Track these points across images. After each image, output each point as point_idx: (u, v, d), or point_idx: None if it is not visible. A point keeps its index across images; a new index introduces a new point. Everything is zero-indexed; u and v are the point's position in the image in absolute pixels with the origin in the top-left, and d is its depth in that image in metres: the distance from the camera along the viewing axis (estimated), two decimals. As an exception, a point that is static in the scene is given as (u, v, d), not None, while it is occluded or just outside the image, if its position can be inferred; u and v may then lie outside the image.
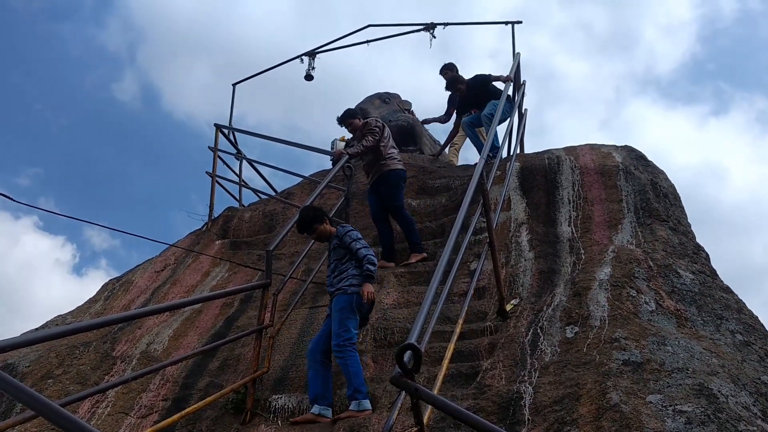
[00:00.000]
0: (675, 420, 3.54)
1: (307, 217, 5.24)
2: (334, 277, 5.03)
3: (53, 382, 5.56)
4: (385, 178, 6.60)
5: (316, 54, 11.15)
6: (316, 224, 5.20)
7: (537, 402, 3.96)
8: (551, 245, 5.93)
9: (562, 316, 4.85)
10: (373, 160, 6.69)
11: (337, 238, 5.14)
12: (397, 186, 6.65)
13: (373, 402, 4.55)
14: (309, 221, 5.21)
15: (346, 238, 5.09)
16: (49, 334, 3.46)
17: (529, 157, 7.54)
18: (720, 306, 5.04)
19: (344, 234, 5.13)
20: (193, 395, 5.21)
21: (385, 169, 6.61)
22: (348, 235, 5.11)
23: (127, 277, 7.74)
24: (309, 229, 5.23)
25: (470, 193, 4.58)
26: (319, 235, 5.28)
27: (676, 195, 6.58)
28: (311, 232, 5.27)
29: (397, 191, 6.65)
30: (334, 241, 5.17)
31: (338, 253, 5.10)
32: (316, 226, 5.21)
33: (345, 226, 5.33)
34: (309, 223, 5.21)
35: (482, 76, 8.43)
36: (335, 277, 5.03)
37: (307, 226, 5.22)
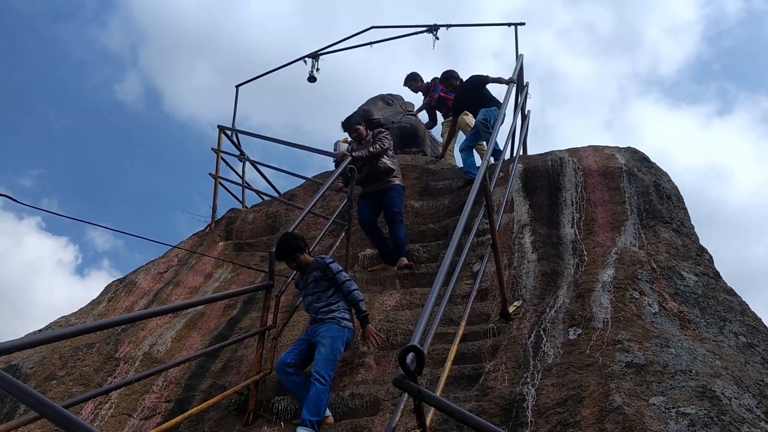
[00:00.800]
0: (678, 422, 3.53)
1: (290, 246, 5.07)
2: (321, 307, 4.93)
3: (56, 384, 5.57)
4: (390, 190, 6.68)
5: (320, 56, 11.16)
6: (298, 253, 5.07)
7: (540, 404, 3.96)
8: (554, 247, 5.93)
9: (565, 318, 4.85)
10: (377, 173, 6.70)
11: (319, 270, 5.03)
12: (401, 197, 6.81)
13: (376, 404, 4.55)
14: (291, 250, 5.06)
15: (329, 271, 5.00)
16: (53, 335, 3.47)
17: (532, 158, 7.54)
18: (723, 308, 5.03)
19: (326, 266, 5.03)
20: (196, 397, 5.21)
21: (393, 183, 6.71)
22: (330, 268, 5.01)
23: (130, 279, 7.75)
24: (290, 257, 5.08)
25: (473, 194, 4.58)
26: (299, 264, 5.13)
27: (680, 197, 6.57)
28: (291, 261, 5.11)
29: (401, 200, 6.77)
30: (315, 273, 5.05)
31: (320, 285, 5.01)
32: (297, 255, 5.07)
33: (323, 257, 5.19)
34: (291, 252, 5.06)
35: (478, 78, 8.28)
36: (322, 307, 4.93)
37: (288, 254, 5.07)
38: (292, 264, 5.15)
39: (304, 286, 5.12)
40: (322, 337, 4.75)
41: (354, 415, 4.53)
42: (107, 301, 7.38)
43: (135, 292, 7.37)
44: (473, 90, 8.23)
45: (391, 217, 6.62)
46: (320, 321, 4.88)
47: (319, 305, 4.94)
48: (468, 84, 8.35)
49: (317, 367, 4.59)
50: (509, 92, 7.32)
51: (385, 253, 6.66)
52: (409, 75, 10.18)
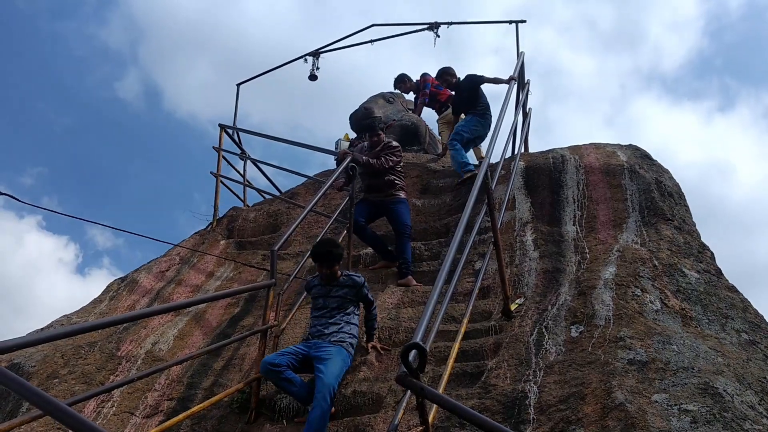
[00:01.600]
0: (680, 419, 3.54)
1: (336, 253, 4.93)
2: (335, 324, 4.79)
3: (59, 382, 5.57)
4: (397, 203, 6.54)
5: (320, 54, 11.15)
6: (337, 263, 4.95)
7: (542, 401, 3.96)
8: (556, 244, 5.93)
9: (567, 315, 4.85)
10: (380, 185, 6.57)
11: (351, 289, 4.92)
12: (408, 210, 6.71)
13: (378, 401, 4.55)
14: (336, 258, 4.92)
15: (362, 291, 4.95)
16: (55, 333, 3.47)
17: (534, 156, 7.53)
18: (725, 305, 5.03)
19: (361, 286, 4.95)
20: (198, 395, 5.22)
21: (398, 195, 6.57)
22: (365, 288, 4.97)
23: (131, 277, 7.76)
24: (331, 263, 4.89)
25: (475, 192, 4.58)
26: (332, 273, 4.93)
27: (681, 194, 6.57)
28: (328, 267, 4.90)
29: (408, 214, 6.68)
30: (346, 290, 4.92)
31: (346, 304, 4.88)
32: (336, 264, 4.94)
33: (358, 276, 5.05)
34: (336, 259, 4.91)
35: (472, 77, 8.14)
36: (337, 324, 4.79)
37: (332, 260, 4.89)
38: (325, 270, 4.92)
39: (325, 294, 4.94)
40: (330, 356, 4.55)
41: (356, 413, 4.53)
42: (109, 300, 7.38)
43: (137, 291, 7.37)
44: (470, 89, 8.13)
45: (402, 229, 6.44)
46: (327, 338, 4.69)
47: (334, 321, 4.80)
48: (464, 83, 8.24)
49: (325, 386, 4.35)
50: (510, 90, 7.31)
51: (383, 251, 6.63)
52: (398, 77, 10.12)
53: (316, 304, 4.97)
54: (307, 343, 4.73)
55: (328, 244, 5.05)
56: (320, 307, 4.92)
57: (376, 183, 6.60)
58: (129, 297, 7.29)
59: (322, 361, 4.51)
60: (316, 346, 4.64)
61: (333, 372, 4.44)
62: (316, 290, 5.02)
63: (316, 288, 5.05)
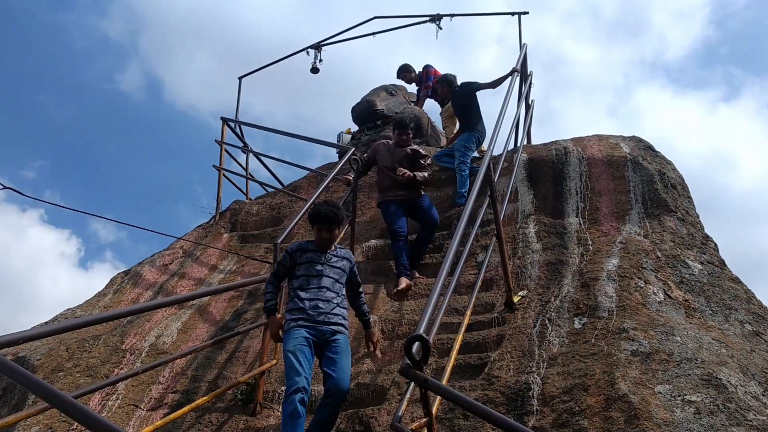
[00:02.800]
0: (684, 410, 3.54)
1: (341, 216, 4.53)
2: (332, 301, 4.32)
3: (64, 375, 5.60)
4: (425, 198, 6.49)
5: (322, 46, 11.12)
6: (338, 228, 4.54)
7: (545, 393, 3.97)
8: (559, 236, 5.93)
9: (570, 307, 4.86)
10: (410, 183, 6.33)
11: (347, 260, 4.53)
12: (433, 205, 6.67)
13: (382, 393, 4.57)
14: (340, 220, 4.50)
15: (355, 269, 4.59)
16: (60, 327, 3.49)
17: (537, 148, 7.52)
18: (729, 296, 5.03)
19: (354, 262, 4.59)
20: (203, 387, 5.24)
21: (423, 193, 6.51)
22: (356, 266, 4.63)
23: (135, 271, 7.78)
24: (333, 226, 4.45)
25: (477, 184, 4.58)
26: (331, 238, 4.51)
27: (684, 185, 6.56)
28: (329, 231, 4.45)
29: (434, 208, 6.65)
30: (345, 263, 4.51)
31: (340, 273, 4.44)
32: (338, 229, 4.54)
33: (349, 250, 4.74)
34: (338, 222, 4.49)
35: (468, 85, 7.94)
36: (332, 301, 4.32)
37: (335, 222, 4.46)
38: (325, 234, 4.45)
39: (324, 262, 4.41)
40: (341, 350, 4.19)
41: (360, 405, 4.55)
42: (113, 293, 7.41)
43: (140, 284, 7.39)
44: (466, 97, 7.91)
45: (434, 222, 6.42)
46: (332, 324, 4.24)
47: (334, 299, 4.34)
48: (460, 90, 8.02)
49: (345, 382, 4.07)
50: (512, 82, 7.29)
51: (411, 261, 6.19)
52: (402, 67, 10.07)
53: (312, 270, 4.37)
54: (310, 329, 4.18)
55: (332, 204, 4.59)
56: (317, 275, 4.36)
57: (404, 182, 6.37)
58: (133, 290, 7.31)
59: (334, 353, 4.14)
60: (327, 335, 4.20)
61: (347, 373, 4.14)
62: (312, 255, 4.45)
63: (311, 253, 4.47)
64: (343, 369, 4.11)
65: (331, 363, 4.12)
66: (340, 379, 4.04)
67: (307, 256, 4.46)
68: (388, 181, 6.42)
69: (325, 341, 4.20)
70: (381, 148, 6.61)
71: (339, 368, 4.09)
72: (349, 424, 4.34)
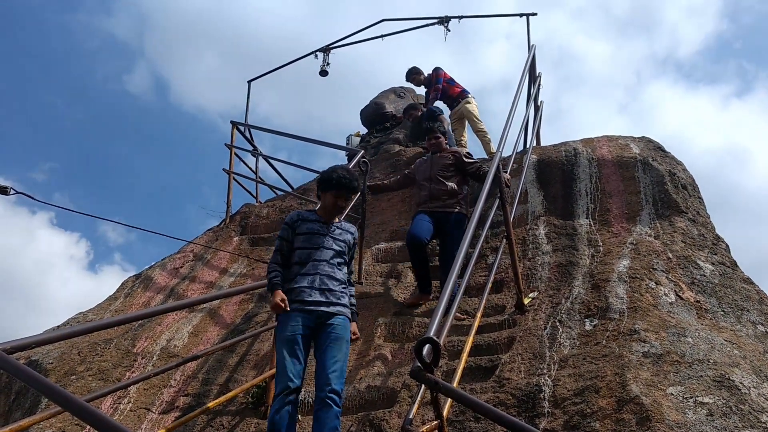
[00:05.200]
0: (696, 412, 3.52)
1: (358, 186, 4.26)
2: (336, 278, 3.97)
3: (76, 379, 5.63)
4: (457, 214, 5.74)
5: (331, 49, 11.15)
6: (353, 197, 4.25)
7: (556, 395, 3.96)
8: (569, 238, 5.91)
9: (581, 308, 4.84)
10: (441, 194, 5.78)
11: (351, 234, 4.19)
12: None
13: (393, 396, 4.57)
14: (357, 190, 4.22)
15: (354, 249, 4.25)
16: (72, 331, 3.51)
17: (546, 149, 7.50)
18: (741, 297, 5.00)
19: (356, 242, 4.26)
20: (214, 390, 5.25)
21: (456, 209, 5.76)
22: (356, 247, 4.27)
23: (146, 274, 7.81)
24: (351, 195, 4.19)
25: (487, 186, 4.58)
26: (344, 207, 4.24)
27: (695, 186, 6.53)
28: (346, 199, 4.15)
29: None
30: (348, 236, 4.17)
31: (344, 248, 4.09)
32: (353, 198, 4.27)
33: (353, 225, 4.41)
34: (355, 191, 4.21)
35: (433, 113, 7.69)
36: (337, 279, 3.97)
37: (354, 191, 4.17)
38: (342, 202, 4.13)
39: (327, 233, 4.06)
40: (338, 335, 3.83)
41: (371, 408, 4.55)
42: (124, 297, 7.44)
43: (151, 288, 7.42)
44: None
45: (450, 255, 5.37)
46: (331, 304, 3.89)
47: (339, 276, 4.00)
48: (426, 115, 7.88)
49: (334, 379, 3.68)
50: (521, 83, 7.29)
51: (423, 280, 5.75)
52: (410, 70, 9.99)
53: (315, 241, 4.00)
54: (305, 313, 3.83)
55: (354, 173, 4.23)
56: (317, 247, 3.98)
57: (438, 191, 5.81)
58: (144, 294, 7.34)
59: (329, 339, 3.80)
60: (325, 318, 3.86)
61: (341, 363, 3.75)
62: (313, 226, 4.08)
63: (312, 223, 4.10)
64: (337, 361, 3.71)
65: (323, 352, 3.78)
66: (330, 377, 3.65)
67: (307, 226, 4.06)
68: (425, 193, 5.88)
69: (322, 324, 3.84)
70: (419, 164, 6.22)
71: (330, 358, 3.72)
72: (359, 427, 4.34)
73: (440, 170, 5.85)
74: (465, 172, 5.90)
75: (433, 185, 5.81)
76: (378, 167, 8.72)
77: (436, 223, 5.70)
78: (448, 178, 5.82)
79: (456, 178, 5.85)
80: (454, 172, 5.87)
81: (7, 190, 4.83)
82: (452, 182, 5.80)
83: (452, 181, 5.80)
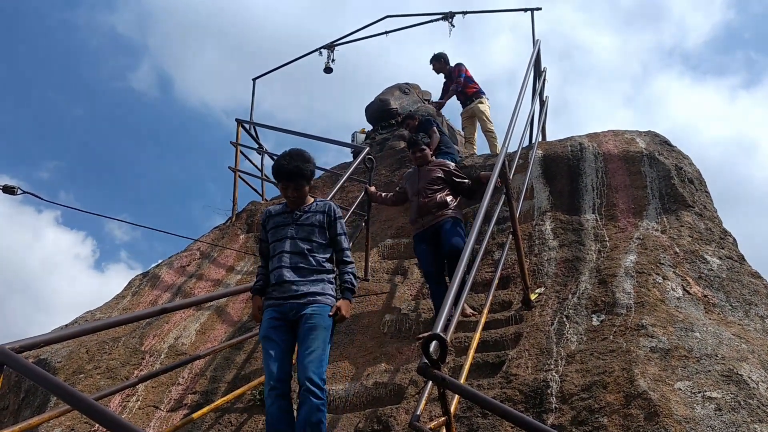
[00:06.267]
0: (704, 407, 3.52)
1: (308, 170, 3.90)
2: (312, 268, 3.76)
3: (84, 377, 5.66)
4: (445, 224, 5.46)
5: (335, 46, 11.15)
6: (307, 184, 3.92)
7: (564, 390, 3.95)
8: (575, 233, 5.90)
9: (588, 304, 4.83)
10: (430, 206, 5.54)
11: (325, 216, 3.91)
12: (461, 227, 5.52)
13: (400, 392, 4.57)
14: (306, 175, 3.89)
15: (337, 225, 3.92)
16: (81, 329, 3.53)
17: (552, 144, 7.49)
18: (748, 291, 4.98)
19: (335, 217, 3.93)
20: (222, 388, 5.27)
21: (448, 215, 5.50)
22: (340, 222, 3.94)
23: (153, 273, 7.84)
24: (301, 184, 3.87)
25: (493, 182, 4.57)
26: (300, 196, 3.90)
27: (702, 180, 6.51)
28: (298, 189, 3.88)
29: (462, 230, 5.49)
30: (319, 216, 3.90)
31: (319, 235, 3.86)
32: (307, 185, 3.91)
33: (334, 203, 4.06)
34: (306, 178, 3.89)
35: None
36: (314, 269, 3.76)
37: (303, 178, 3.87)
38: (291, 192, 3.89)
39: (291, 222, 3.88)
40: (313, 325, 3.62)
41: (378, 404, 4.56)
42: (131, 295, 7.47)
43: (159, 286, 7.45)
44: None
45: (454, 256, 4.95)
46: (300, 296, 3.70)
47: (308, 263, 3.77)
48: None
49: (310, 371, 3.47)
50: (526, 78, 7.27)
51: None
52: (437, 55, 9.76)
53: (279, 234, 3.86)
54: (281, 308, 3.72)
55: (296, 157, 3.88)
56: (282, 238, 3.84)
57: (425, 203, 5.57)
58: (151, 292, 7.37)
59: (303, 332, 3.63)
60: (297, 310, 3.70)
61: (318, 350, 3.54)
62: (279, 219, 3.95)
63: (278, 216, 3.97)
64: (312, 351, 3.51)
65: (299, 345, 3.63)
66: (306, 368, 3.46)
67: (274, 220, 3.95)
68: (414, 209, 5.68)
69: (297, 318, 3.68)
70: (407, 177, 5.99)
71: (305, 350, 3.54)
72: (367, 423, 4.35)
73: (428, 184, 5.62)
74: (455, 188, 5.68)
75: (422, 199, 5.58)
76: (383, 164, 8.72)
77: (432, 238, 5.48)
78: (437, 191, 5.58)
79: (445, 190, 5.62)
80: (444, 185, 5.64)
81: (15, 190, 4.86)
82: (441, 194, 5.57)
83: (441, 194, 5.57)
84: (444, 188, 5.62)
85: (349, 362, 5.17)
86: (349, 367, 5.11)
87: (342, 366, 5.14)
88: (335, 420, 4.51)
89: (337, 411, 4.64)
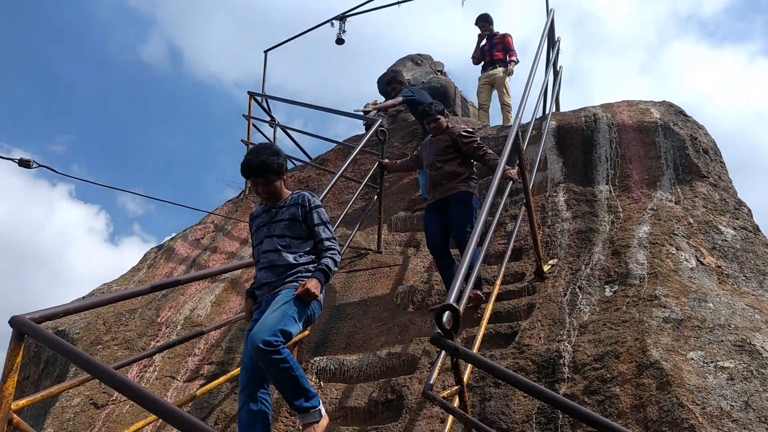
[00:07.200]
0: (717, 376, 3.53)
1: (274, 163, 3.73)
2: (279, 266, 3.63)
3: (102, 348, 5.75)
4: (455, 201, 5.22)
5: (347, 17, 11.06)
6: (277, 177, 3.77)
7: (576, 360, 3.98)
8: (589, 204, 5.88)
9: (601, 275, 4.84)
10: (440, 177, 5.34)
11: (300, 208, 3.74)
12: (470, 207, 5.21)
13: (413, 363, 4.62)
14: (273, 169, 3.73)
15: (313, 215, 3.73)
16: (98, 300, 3.58)
17: (565, 115, 7.43)
18: (763, 262, 4.96)
19: (311, 207, 3.74)
20: (237, 358, 5.34)
21: (459, 188, 5.25)
22: (317, 212, 3.74)
23: (168, 245, 7.91)
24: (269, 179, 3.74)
25: (506, 153, 4.55)
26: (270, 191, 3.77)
27: (717, 150, 6.45)
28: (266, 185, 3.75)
29: (471, 212, 5.18)
30: (293, 210, 3.74)
31: (295, 229, 3.71)
32: (277, 179, 3.77)
33: (310, 194, 3.85)
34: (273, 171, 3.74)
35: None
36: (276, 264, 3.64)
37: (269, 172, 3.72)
38: (261, 188, 3.76)
39: (268, 222, 3.78)
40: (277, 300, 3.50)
41: (392, 374, 4.61)
42: (147, 268, 7.55)
43: (174, 259, 7.52)
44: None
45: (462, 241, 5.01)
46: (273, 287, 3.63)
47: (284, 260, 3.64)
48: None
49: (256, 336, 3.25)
50: (539, 49, 7.19)
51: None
52: (486, 15, 9.35)
53: (260, 235, 3.79)
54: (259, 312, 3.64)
55: (262, 151, 3.75)
56: (263, 238, 3.75)
57: (436, 175, 5.38)
58: (166, 265, 7.44)
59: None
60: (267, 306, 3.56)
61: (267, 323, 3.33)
62: (259, 220, 3.86)
63: (259, 218, 3.88)
64: (265, 320, 3.36)
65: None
66: (254, 332, 3.31)
67: (256, 222, 3.88)
68: (429, 182, 5.50)
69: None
70: (423, 147, 5.78)
71: (261, 321, 3.40)
72: (381, 393, 4.40)
73: (438, 154, 5.41)
74: (465, 153, 5.37)
75: (433, 171, 5.41)
76: (396, 136, 8.70)
77: (441, 211, 5.30)
78: (447, 162, 5.34)
79: (456, 160, 5.35)
80: (454, 154, 5.37)
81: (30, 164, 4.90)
82: (452, 165, 5.33)
83: (452, 164, 5.33)
84: (455, 158, 5.36)
85: (363, 333, 5.22)
86: (363, 337, 5.16)
87: (356, 337, 5.20)
88: (349, 389, 4.57)
89: (351, 381, 4.70)
